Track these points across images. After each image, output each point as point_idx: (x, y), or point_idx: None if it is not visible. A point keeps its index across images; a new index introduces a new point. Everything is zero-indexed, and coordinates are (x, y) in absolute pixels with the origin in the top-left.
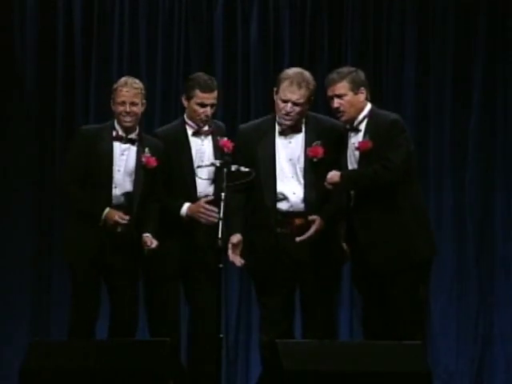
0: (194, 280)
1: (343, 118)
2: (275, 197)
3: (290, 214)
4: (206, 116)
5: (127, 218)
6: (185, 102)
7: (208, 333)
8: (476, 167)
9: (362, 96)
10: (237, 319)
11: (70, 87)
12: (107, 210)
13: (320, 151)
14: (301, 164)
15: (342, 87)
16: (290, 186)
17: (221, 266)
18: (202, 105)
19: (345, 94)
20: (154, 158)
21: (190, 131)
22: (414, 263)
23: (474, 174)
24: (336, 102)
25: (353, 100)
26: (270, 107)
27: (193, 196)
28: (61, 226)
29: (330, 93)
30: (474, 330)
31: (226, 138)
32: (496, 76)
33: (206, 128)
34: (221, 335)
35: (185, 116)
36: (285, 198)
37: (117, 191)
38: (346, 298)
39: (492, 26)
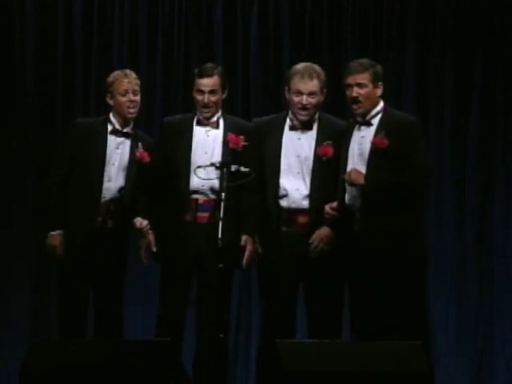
0: (203, 281)
1: (359, 110)
2: (277, 192)
3: (292, 211)
4: (204, 104)
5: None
6: (193, 94)
7: (212, 333)
8: (476, 167)
9: (379, 91)
10: (237, 319)
11: (69, 87)
12: (54, 233)
13: (330, 151)
14: (309, 161)
15: (365, 77)
16: (294, 182)
17: (221, 266)
18: (200, 91)
19: (365, 85)
20: (146, 153)
21: (195, 120)
22: (412, 264)
23: (474, 174)
24: (355, 92)
25: (371, 93)
26: (269, 107)
27: (184, 188)
28: None
29: (350, 81)
30: (474, 330)
31: (242, 137)
32: (496, 76)
33: (214, 119)
34: (221, 335)
35: None
36: (286, 194)
37: (110, 185)
38: (346, 298)
39: (492, 26)
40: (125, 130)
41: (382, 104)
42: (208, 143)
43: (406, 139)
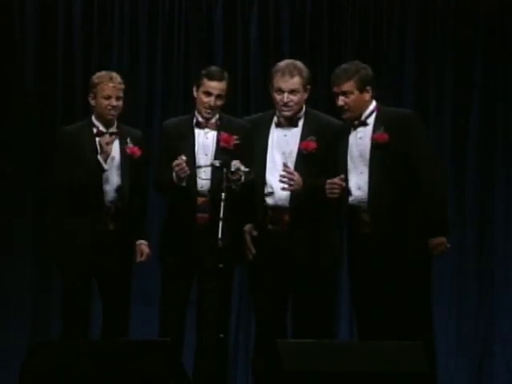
0: (203, 281)
1: (346, 116)
2: (263, 189)
3: (279, 209)
4: (210, 106)
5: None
6: (195, 93)
7: (212, 333)
8: (476, 167)
9: (367, 95)
10: (237, 319)
11: (69, 87)
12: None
13: (312, 145)
14: (293, 158)
15: (350, 85)
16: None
17: (221, 265)
18: (207, 93)
19: (351, 93)
20: (137, 148)
21: (194, 122)
22: (421, 263)
23: (473, 174)
24: (341, 100)
25: (358, 99)
26: (270, 107)
27: (192, 190)
28: None
29: (336, 90)
30: (474, 330)
31: (235, 136)
32: (496, 76)
33: (213, 121)
34: (221, 335)
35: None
36: (273, 192)
37: (107, 187)
38: (346, 297)
39: (492, 26)
40: (110, 131)
41: (374, 103)
42: (208, 145)
43: (406, 133)
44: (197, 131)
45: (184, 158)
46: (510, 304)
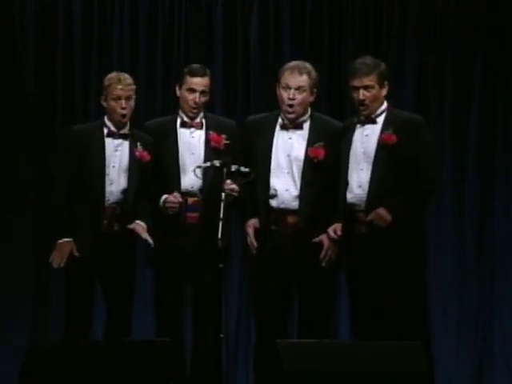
0: (196, 280)
1: (365, 112)
2: (268, 191)
3: (282, 211)
4: (195, 103)
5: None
6: (178, 92)
7: (210, 333)
8: (476, 167)
9: (384, 90)
10: (237, 319)
11: (69, 87)
12: (63, 240)
13: (321, 153)
14: (299, 162)
15: (371, 80)
16: (284, 182)
17: (221, 265)
18: (191, 90)
19: (372, 87)
20: (146, 153)
21: (179, 122)
22: (415, 264)
23: (473, 174)
24: (362, 94)
25: (377, 94)
26: (270, 107)
27: (176, 190)
28: None
29: (357, 83)
30: (474, 330)
31: (224, 135)
32: (496, 76)
33: (198, 120)
34: (221, 335)
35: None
36: (276, 195)
37: (113, 187)
38: (346, 298)
39: (492, 26)
40: (121, 132)
41: (385, 103)
42: (194, 144)
43: (414, 139)
44: (181, 131)
45: (180, 198)
46: (510, 304)
